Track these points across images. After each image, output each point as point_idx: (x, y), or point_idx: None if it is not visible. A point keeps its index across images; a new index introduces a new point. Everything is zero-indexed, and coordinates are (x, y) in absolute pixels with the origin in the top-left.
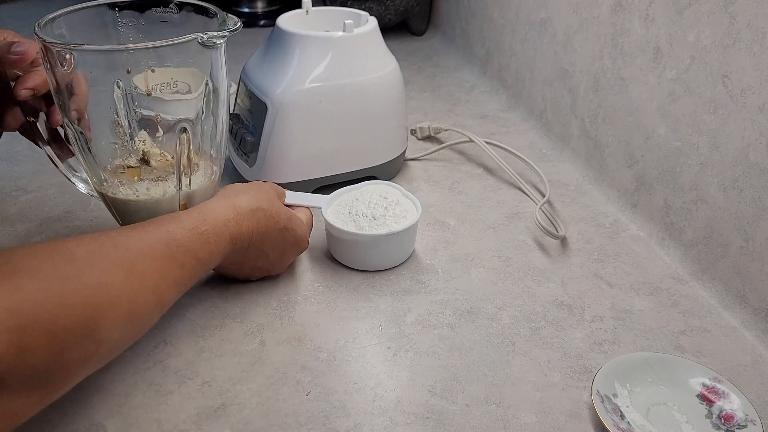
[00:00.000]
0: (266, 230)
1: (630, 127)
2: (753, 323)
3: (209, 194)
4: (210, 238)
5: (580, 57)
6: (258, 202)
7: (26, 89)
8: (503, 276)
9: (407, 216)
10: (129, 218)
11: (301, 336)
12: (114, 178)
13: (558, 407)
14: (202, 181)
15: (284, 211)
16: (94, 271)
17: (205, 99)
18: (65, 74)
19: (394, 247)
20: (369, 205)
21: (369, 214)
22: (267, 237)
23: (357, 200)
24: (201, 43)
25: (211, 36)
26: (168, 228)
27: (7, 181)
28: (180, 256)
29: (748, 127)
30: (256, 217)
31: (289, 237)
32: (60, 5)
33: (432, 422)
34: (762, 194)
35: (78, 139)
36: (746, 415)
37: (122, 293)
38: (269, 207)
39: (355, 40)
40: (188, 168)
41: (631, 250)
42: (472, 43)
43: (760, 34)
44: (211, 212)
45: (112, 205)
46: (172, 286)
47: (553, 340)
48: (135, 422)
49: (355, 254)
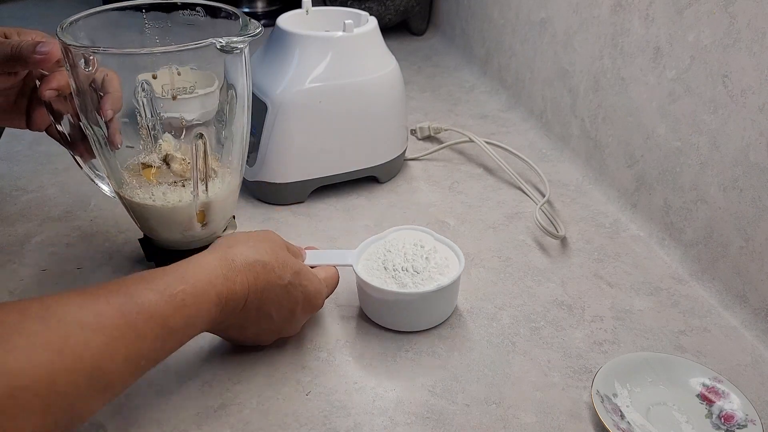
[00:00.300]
0: (266, 287)
1: (630, 127)
2: (753, 323)
3: (228, 204)
4: (187, 300)
5: (580, 57)
6: (257, 254)
7: (50, 89)
8: (503, 276)
9: (449, 264)
10: (146, 223)
11: (301, 336)
12: (132, 179)
13: (558, 407)
14: (219, 190)
15: (291, 264)
16: (6, 351)
17: (226, 105)
18: (88, 75)
19: (444, 302)
20: (406, 257)
21: (410, 267)
22: (268, 295)
23: (389, 252)
24: (219, 48)
25: (231, 41)
26: (130, 290)
27: (7, 181)
28: (141, 324)
29: (748, 127)
30: (254, 271)
31: (296, 294)
32: (60, 5)
33: (432, 422)
34: (762, 194)
35: (99, 140)
36: (746, 414)
37: (42, 378)
38: (271, 259)
39: (355, 40)
40: (205, 174)
41: (631, 250)
42: (472, 43)
43: (760, 34)
44: (195, 268)
45: (130, 209)
46: (127, 363)
47: (553, 339)
48: (135, 422)
49: (401, 315)
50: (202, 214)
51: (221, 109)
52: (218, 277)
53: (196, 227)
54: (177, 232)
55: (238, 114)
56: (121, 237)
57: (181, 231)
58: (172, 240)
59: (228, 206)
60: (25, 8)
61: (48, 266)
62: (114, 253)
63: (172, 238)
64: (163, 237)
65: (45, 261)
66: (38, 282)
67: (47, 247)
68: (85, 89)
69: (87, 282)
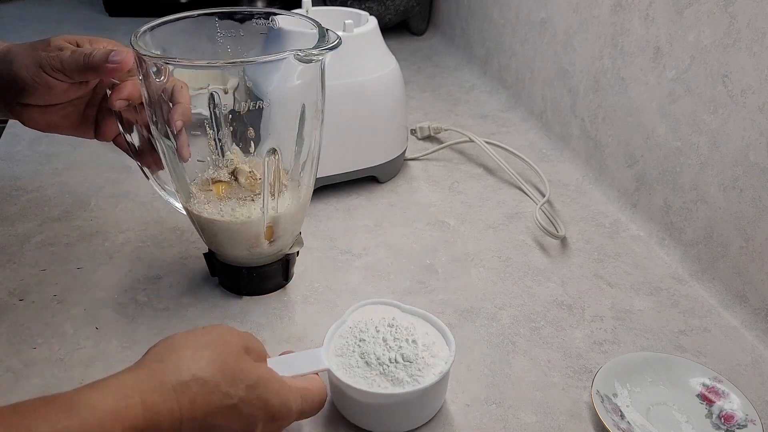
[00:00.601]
0: (208, 411)
1: (630, 127)
2: (753, 323)
3: (297, 220)
4: None
5: (580, 57)
6: (196, 369)
7: (121, 99)
8: (503, 276)
9: (434, 340)
10: (213, 238)
11: (301, 336)
12: (201, 194)
13: (558, 407)
14: (289, 205)
15: (246, 375)
16: None
17: (299, 119)
18: (159, 85)
19: (445, 386)
20: (387, 345)
21: (398, 357)
22: (212, 420)
23: (363, 341)
24: (298, 59)
25: (308, 53)
26: None
27: (7, 180)
28: None
29: (748, 127)
30: (189, 393)
31: (253, 413)
32: (60, 5)
33: (432, 421)
34: (762, 194)
35: (168, 152)
36: (746, 414)
37: None
38: (215, 373)
39: (355, 40)
40: (276, 190)
41: (631, 250)
42: (472, 43)
43: (760, 34)
44: (99, 394)
45: (197, 223)
46: None
47: (553, 339)
48: None
49: (401, 416)
50: (270, 230)
51: (294, 124)
52: (132, 406)
53: (264, 244)
54: (244, 249)
55: (312, 128)
56: (121, 237)
57: (248, 247)
58: (239, 256)
59: (296, 222)
60: (25, 8)
61: (48, 266)
62: (114, 253)
63: (239, 255)
64: (229, 253)
65: (45, 261)
66: (38, 282)
67: (47, 246)
68: (156, 99)
69: (87, 281)
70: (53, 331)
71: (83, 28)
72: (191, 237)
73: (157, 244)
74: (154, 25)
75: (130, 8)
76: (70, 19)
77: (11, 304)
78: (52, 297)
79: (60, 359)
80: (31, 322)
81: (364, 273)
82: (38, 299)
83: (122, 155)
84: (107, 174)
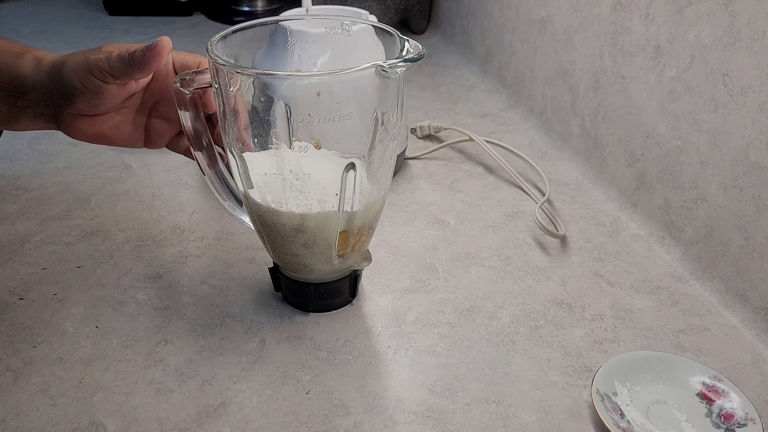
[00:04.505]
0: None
1: (630, 125)
2: (753, 322)
3: (371, 215)
4: None
5: (581, 55)
6: None
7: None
8: (503, 275)
9: None
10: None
11: (301, 335)
12: None
13: (558, 406)
14: (362, 221)
15: None
16: None
17: (374, 130)
18: (233, 95)
19: None
20: None
21: None
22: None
23: None
24: (382, 70)
25: (392, 64)
26: None
27: (7, 180)
28: None
29: (748, 126)
30: None
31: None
32: (60, 4)
33: (432, 421)
34: (762, 193)
35: (239, 165)
36: (746, 413)
37: None
38: None
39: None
40: (351, 206)
41: (631, 248)
42: (472, 42)
43: (760, 33)
44: None
45: (265, 236)
46: None
47: (553, 338)
48: (135, 421)
49: None
50: (341, 245)
51: (372, 137)
52: None
53: (334, 259)
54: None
55: (388, 142)
56: (121, 236)
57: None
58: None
59: (372, 215)
60: (24, 8)
61: (48, 265)
62: (114, 251)
63: None
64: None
65: (45, 260)
66: (38, 281)
67: (47, 245)
68: (229, 110)
69: (87, 280)
70: (53, 329)
71: (83, 26)
72: (191, 236)
73: (157, 243)
74: (227, 32)
75: (129, 7)
76: (70, 18)
77: (11, 302)
78: (52, 296)
79: (60, 358)
80: (31, 321)
81: (364, 272)
82: (38, 298)
83: (122, 154)
84: (107, 173)
